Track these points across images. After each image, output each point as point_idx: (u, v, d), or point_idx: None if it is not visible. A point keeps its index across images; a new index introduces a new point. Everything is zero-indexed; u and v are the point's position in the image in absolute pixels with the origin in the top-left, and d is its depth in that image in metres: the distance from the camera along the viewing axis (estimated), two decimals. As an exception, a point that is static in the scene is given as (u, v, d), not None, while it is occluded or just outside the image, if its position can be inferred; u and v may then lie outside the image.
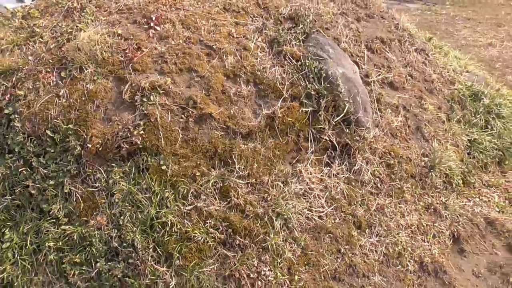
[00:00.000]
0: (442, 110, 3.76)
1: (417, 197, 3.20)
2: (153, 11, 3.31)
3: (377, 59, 3.73)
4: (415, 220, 3.08)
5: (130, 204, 2.67)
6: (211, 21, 3.33)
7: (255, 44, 3.22)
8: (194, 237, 2.60)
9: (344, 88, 3.04)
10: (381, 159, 3.14)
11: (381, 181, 3.10)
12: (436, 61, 4.20)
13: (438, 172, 3.30)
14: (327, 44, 3.23)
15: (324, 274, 2.69)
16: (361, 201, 2.98)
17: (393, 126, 3.27)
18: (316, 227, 2.79)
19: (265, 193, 2.77)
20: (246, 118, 2.90)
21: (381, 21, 4.21)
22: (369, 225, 2.94)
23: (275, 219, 2.71)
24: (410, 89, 3.71)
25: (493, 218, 3.48)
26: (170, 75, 2.95)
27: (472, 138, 3.74)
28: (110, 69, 2.96)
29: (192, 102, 2.84)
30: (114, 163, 2.75)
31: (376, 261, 2.83)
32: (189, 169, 2.73)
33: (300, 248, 2.72)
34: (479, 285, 3.06)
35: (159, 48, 3.07)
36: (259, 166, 2.81)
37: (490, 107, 4.02)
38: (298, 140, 2.94)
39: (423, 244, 3.04)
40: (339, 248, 2.79)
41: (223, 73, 3.03)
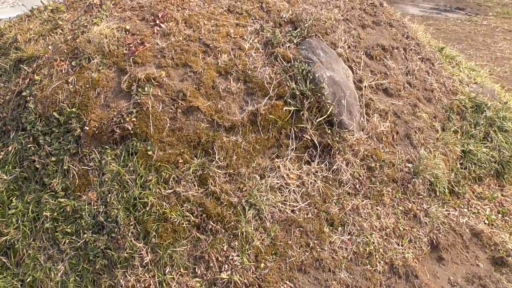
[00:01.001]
0: (438, 119, 3.75)
1: (396, 201, 3.23)
2: (160, 10, 3.55)
3: (375, 65, 3.77)
4: (391, 223, 3.12)
5: (118, 184, 2.91)
6: (213, 21, 3.52)
7: (250, 45, 3.38)
8: (171, 219, 2.80)
9: (328, 91, 3.14)
10: (362, 161, 3.20)
11: (360, 183, 3.16)
12: (442, 71, 4.17)
13: (422, 179, 3.31)
14: (319, 48, 3.33)
15: (290, 265, 2.80)
16: (336, 199, 3.06)
17: (378, 131, 3.32)
18: (287, 220, 2.90)
19: (241, 184, 2.92)
20: (231, 113, 3.06)
21: (388, 29, 4.24)
22: (342, 223, 3.02)
23: (247, 209, 2.85)
24: (406, 96, 3.72)
25: (479, 230, 3.44)
26: (166, 69, 3.17)
27: (467, 149, 3.69)
28: (114, 61, 3.22)
29: (182, 94, 3.05)
30: (108, 145, 3.00)
31: (345, 258, 2.91)
32: (173, 156, 2.93)
33: (270, 238, 2.84)
34: (452, 293, 3.06)
35: (160, 43, 3.30)
36: (239, 158, 2.97)
37: (493, 119, 3.94)
38: (279, 137, 3.07)
39: (396, 247, 3.07)
40: (308, 242, 2.90)
41: (215, 70, 3.21)
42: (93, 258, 2.82)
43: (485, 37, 9.57)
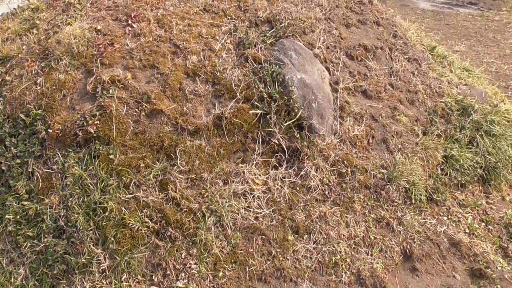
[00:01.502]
0: (420, 122, 3.59)
1: (368, 208, 3.11)
2: (134, 10, 3.48)
3: (355, 66, 3.63)
4: (361, 232, 3.00)
5: (79, 188, 2.87)
6: (186, 21, 3.43)
7: (222, 45, 3.29)
8: (129, 224, 2.74)
9: (297, 94, 3.03)
10: (333, 167, 3.09)
11: (330, 189, 3.05)
12: (429, 72, 4.00)
13: (396, 185, 3.17)
14: (291, 49, 3.21)
15: (250, 274, 2.72)
16: (303, 206, 2.96)
17: (352, 135, 3.19)
18: (250, 227, 2.82)
19: (203, 189, 2.84)
20: (197, 116, 2.98)
21: (374, 27, 4.08)
22: (308, 231, 2.91)
23: (208, 216, 2.78)
24: (387, 98, 3.58)
25: (458, 239, 3.29)
26: (133, 70, 3.11)
27: (450, 154, 3.53)
28: (82, 62, 3.18)
29: (147, 97, 2.98)
30: (71, 148, 2.96)
31: (309, 268, 2.81)
32: (135, 160, 2.87)
33: (230, 246, 2.77)
34: (423, 305, 2.93)
35: (130, 44, 3.24)
36: (201, 163, 2.89)
37: (480, 123, 3.76)
38: (245, 141, 2.98)
39: (365, 257, 2.95)
40: (271, 250, 2.81)
41: (183, 71, 3.13)
42: (52, 263, 2.79)
43: (495, 33, 9.23)
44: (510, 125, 3.90)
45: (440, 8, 11.08)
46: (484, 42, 8.69)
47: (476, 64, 7.63)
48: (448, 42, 8.81)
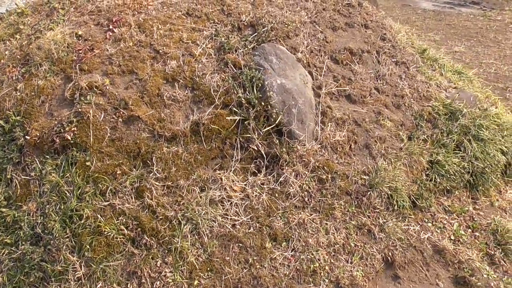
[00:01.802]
0: (405, 127, 3.55)
1: (349, 215, 3.07)
2: (115, 14, 3.47)
3: (339, 70, 3.60)
4: (341, 239, 2.97)
5: (56, 195, 2.87)
6: (168, 26, 3.42)
7: (202, 50, 3.27)
8: (105, 232, 2.74)
9: (277, 99, 3.00)
10: (313, 173, 3.06)
11: (310, 196, 3.02)
12: (417, 76, 3.95)
13: (378, 191, 3.13)
14: (272, 54, 3.19)
15: (226, 283, 2.70)
16: (282, 213, 2.93)
17: (333, 141, 3.16)
18: (227, 235, 2.80)
19: (179, 197, 2.83)
20: (174, 122, 2.97)
21: (361, 30, 4.05)
22: (286, 238, 2.89)
23: (184, 223, 2.76)
24: (372, 103, 3.54)
25: (442, 246, 3.25)
26: (112, 76, 3.10)
27: (436, 159, 3.48)
28: (62, 68, 3.18)
29: (124, 103, 2.97)
30: (49, 155, 2.96)
31: (286, 276, 2.78)
32: (111, 167, 2.87)
33: (206, 254, 2.75)
34: (403, 314, 2.90)
35: (110, 50, 3.23)
36: (178, 169, 2.87)
37: (468, 128, 3.71)
38: (223, 148, 2.96)
39: (345, 265, 2.92)
40: (248, 258, 2.79)
41: (162, 77, 3.12)
42: (29, 270, 2.79)
43: (496, 33, 9.13)
44: (499, 129, 3.84)
45: (442, 8, 10.99)
46: (485, 43, 8.60)
47: (475, 65, 7.57)
48: (448, 42, 8.73)
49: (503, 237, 3.41)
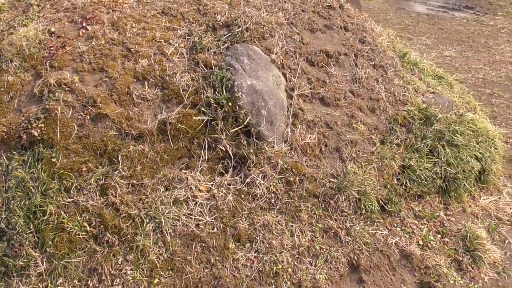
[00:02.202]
0: (379, 131, 3.57)
1: (316, 218, 3.10)
2: (90, 12, 3.49)
3: (314, 72, 3.62)
4: (306, 242, 2.99)
5: (22, 191, 2.89)
6: (142, 24, 3.45)
7: (175, 49, 3.29)
8: (68, 228, 2.76)
9: (246, 100, 3.03)
10: (281, 175, 3.08)
11: (277, 197, 3.05)
12: (395, 79, 3.98)
13: (346, 195, 3.16)
14: (244, 55, 3.21)
15: (186, 282, 2.73)
16: (247, 214, 2.96)
17: (303, 143, 3.18)
18: (190, 234, 2.82)
19: (143, 195, 2.85)
20: (142, 121, 2.99)
21: (340, 33, 4.07)
22: (250, 240, 2.91)
23: (147, 222, 2.79)
24: (346, 106, 3.56)
25: (410, 251, 3.27)
26: (82, 73, 3.12)
27: (408, 164, 3.51)
28: (32, 64, 3.20)
29: (92, 101, 2.99)
30: (16, 151, 2.98)
31: (248, 277, 2.81)
32: (77, 164, 2.89)
33: (168, 253, 2.77)
34: (366, 318, 2.92)
35: (81, 47, 3.25)
36: (144, 168, 2.90)
37: (443, 133, 3.73)
38: (190, 147, 2.98)
39: (308, 268, 2.95)
40: (210, 258, 2.81)
41: (133, 75, 3.14)
42: (-9, 265, 2.81)
43: (488, 38, 9.18)
44: (474, 135, 3.87)
45: (436, 12, 11.03)
46: (476, 48, 8.64)
47: (464, 70, 7.62)
48: (439, 46, 8.77)
49: (472, 244, 3.44)
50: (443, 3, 11.58)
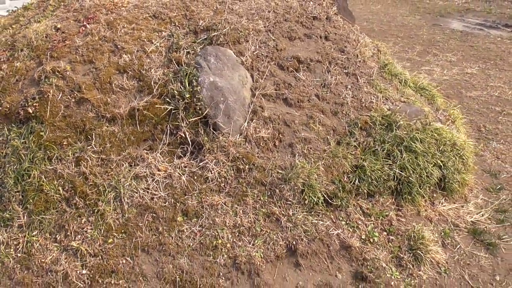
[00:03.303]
0: (337, 133, 3.95)
1: (260, 203, 3.54)
2: (92, 13, 4.18)
3: (283, 76, 4.08)
4: (248, 223, 3.44)
5: (15, 157, 3.58)
6: (133, 25, 4.08)
7: (155, 48, 3.89)
8: (45, 191, 3.40)
9: (206, 94, 3.55)
10: (233, 162, 3.56)
11: (226, 182, 3.53)
12: (365, 87, 4.34)
13: (291, 185, 3.57)
14: (212, 55, 3.74)
15: (135, 244, 3.27)
16: (197, 193, 3.46)
17: (257, 136, 3.64)
18: (144, 205, 3.37)
19: (109, 169, 3.44)
20: (117, 106, 3.60)
21: (319, 42, 4.50)
22: (197, 215, 3.41)
23: (109, 191, 3.37)
24: (308, 108, 3.98)
25: (350, 243, 3.61)
26: (75, 64, 3.79)
27: (360, 164, 3.86)
28: (37, 54, 3.92)
29: (78, 87, 3.64)
30: (15, 124, 3.69)
31: (189, 247, 3.30)
32: (60, 138, 3.54)
33: (124, 219, 3.34)
34: (293, 297, 3.31)
35: (78, 42, 3.94)
36: (113, 146, 3.49)
37: (402, 139, 4.04)
38: (154, 132, 3.54)
39: (246, 245, 3.39)
40: (158, 227, 3.34)
41: (115, 68, 3.77)
42: (-15, 215, 3.50)
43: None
44: (437, 144, 4.13)
45: (471, 29, 11.01)
46: (501, 66, 8.64)
47: (480, 87, 7.71)
48: (463, 63, 8.85)
49: (416, 243, 3.72)
50: (482, 20, 11.52)
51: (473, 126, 6.34)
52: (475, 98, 7.34)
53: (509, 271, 3.76)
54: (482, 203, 4.54)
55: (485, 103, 7.09)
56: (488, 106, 6.98)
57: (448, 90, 7.63)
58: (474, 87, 7.76)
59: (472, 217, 4.24)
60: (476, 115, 6.73)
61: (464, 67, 8.64)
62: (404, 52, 9.72)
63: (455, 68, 8.64)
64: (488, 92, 7.48)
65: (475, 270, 3.75)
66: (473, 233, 4.08)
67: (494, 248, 3.95)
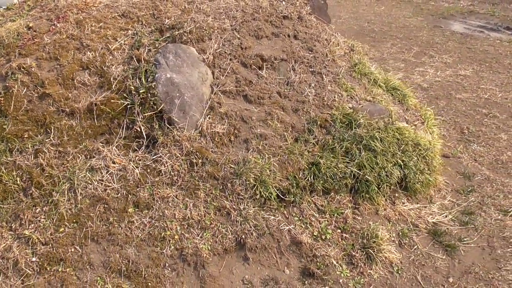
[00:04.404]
0: (295, 130, 4.00)
1: (212, 197, 3.61)
2: (63, 12, 4.34)
3: (245, 73, 4.15)
4: (198, 216, 3.52)
5: (-20, 149, 3.74)
6: (101, 24, 4.22)
7: (119, 45, 4.02)
8: (4, 181, 3.55)
9: (161, 90, 3.65)
10: (186, 156, 3.65)
11: (179, 175, 3.61)
12: (329, 86, 4.37)
13: (243, 180, 3.63)
14: (171, 53, 3.85)
15: (85, 234, 3.38)
16: (150, 186, 3.56)
17: (211, 131, 3.72)
18: (97, 196, 3.48)
19: (65, 161, 3.57)
20: (77, 101, 3.73)
21: (286, 40, 4.56)
22: (148, 207, 3.51)
23: (64, 182, 3.49)
24: (268, 104, 4.04)
25: (301, 239, 3.65)
26: (41, 60, 3.95)
27: (317, 161, 3.89)
28: (7, 51, 4.09)
29: (41, 82, 3.79)
30: (-18, 118, 3.85)
31: (138, 237, 3.40)
32: (21, 131, 3.69)
33: (76, 209, 3.45)
34: (237, 289, 3.38)
35: (46, 40, 4.09)
36: (70, 139, 3.62)
37: (362, 137, 4.06)
38: (111, 126, 3.66)
39: (195, 237, 3.47)
40: (109, 217, 3.45)
41: (79, 64, 3.91)
42: (-51, 204, 3.66)
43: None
44: (398, 143, 4.14)
45: (472, 32, 10.87)
46: (496, 68, 8.52)
47: (471, 89, 7.62)
48: (458, 65, 8.76)
49: (369, 241, 3.73)
50: (483, 23, 11.36)
51: (456, 128, 6.29)
52: (464, 100, 7.26)
53: (464, 273, 3.74)
54: (449, 205, 4.52)
55: (473, 105, 7.01)
56: (475, 108, 6.90)
57: (438, 92, 7.58)
58: (464, 89, 7.68)
59: (434, 218, 4.23)
60: (462, 116, 6.66)
61: (458, 69, 8.55)
62: (400, 53, 9.67)
63: (449, 70, 8.56)
64: (478, 95, 7.39)
65: (429, 271, 3.74)
66: (433, 234, 4.06)
67: (452, 250, 3.93)
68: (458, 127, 6.31)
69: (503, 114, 6.67)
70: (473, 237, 4.11)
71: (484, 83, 7.85)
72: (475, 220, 4.30)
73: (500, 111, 6.75)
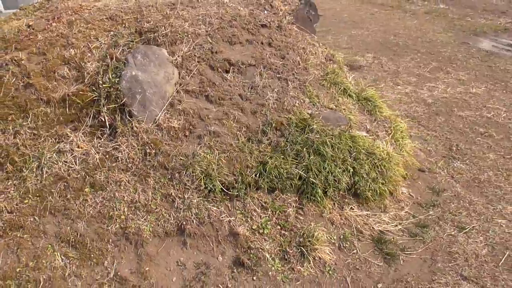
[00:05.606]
0: (250, 130, 4.37)
1: (160, 184, 4.06)
2: (59, 13, 5.00)
3: (210, 75, 4.60)
4: (145, 200, 3.98)
5: (-27, 128, 4.43)
6: (89, 25, 4.83)
7: (99, 45, 4.60)
8: (-15, 156, 4.19)
9: (124, 86, 4.17)
10: (142, 147, 4.13)
11: (133, 163, 4.10)
12: (293, 91, 4.72)
13: (190, 172, 4.06)
14: (140, 53, 4.37)
15: (45, 207, 3.94)
16: (106, 170, 4.07)
17: (167, 125, 4.19)
18: (59, 175, 4.04)
19: (37, 142, 4.16)
20: (54, 92, 4.33)
21: (259, 47, 4.97)
22: (102, 189, 4.02)
23: (33, 160, 4.08)
24: (228, 105, 4.46)
25: (238, 231, 4.02)
26: (31, 55, 4.60)
27: (265, 160, 4.25)
28: (7, 45, 4.78)
29: (28, 74, 4.43)
30: (-22, 101, 4.54)
31: (89, 214, 3.91)
32: (6, 115, 4.33)
33: (40, 185, 4.03)
34: (171, 272, 3.79)
35: (40, 37, 4.75)
36: (44, 124, 4.22)
37: (313, 142, 4.37)
38: (80, 115, 4.22)
39: (139, 219, 3.93)
40: (67, 194, 3.99)
41: (62, 60, 4.52)
42: None
43: (528, 79, 8.81)
44: (349, 150, 4.41)
45: (499, 50, 10.70)
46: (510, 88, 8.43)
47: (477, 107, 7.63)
48: (471, 83, 8.74)
49: (305, 240, 4.03)
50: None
51: (446, 144, 6.39)
52: (464, 117, 7.30)
53: (395, 281, 3.94)
54: (404, 216, 4.70)
55: (471, 123, 7.05)
56: (473, 127, 6.93)
57: (441, 108, 7.65)
58: (469, 106, 7.69)
59: (381, 227, 4.43)
60: (456, 134, 6.73)
61: (471, 87, 8.53)
62: (417, 67, 9.74)
63: (460, 87, 8.57)
64: (481, 113, 7.40)
65: (361, 275, 3.98)
66: (377, 241, 4.28)
67: (392, 258, 4.13)
68: (447, 144, 6.40)
69: (500, 134, 6.66)
70: (418, 249, 4.28)
71: (492, 102, 7.81)
72: (426, 233, 4.45)
73: (497, 131, 6.74)
